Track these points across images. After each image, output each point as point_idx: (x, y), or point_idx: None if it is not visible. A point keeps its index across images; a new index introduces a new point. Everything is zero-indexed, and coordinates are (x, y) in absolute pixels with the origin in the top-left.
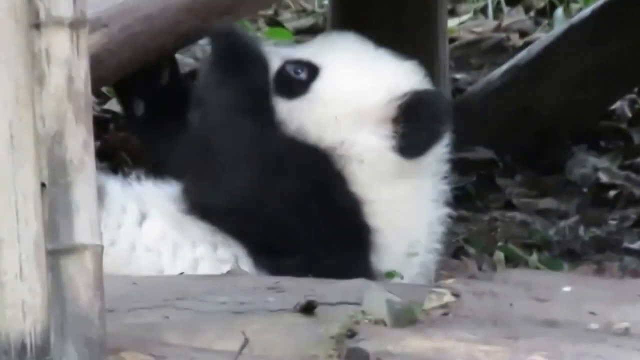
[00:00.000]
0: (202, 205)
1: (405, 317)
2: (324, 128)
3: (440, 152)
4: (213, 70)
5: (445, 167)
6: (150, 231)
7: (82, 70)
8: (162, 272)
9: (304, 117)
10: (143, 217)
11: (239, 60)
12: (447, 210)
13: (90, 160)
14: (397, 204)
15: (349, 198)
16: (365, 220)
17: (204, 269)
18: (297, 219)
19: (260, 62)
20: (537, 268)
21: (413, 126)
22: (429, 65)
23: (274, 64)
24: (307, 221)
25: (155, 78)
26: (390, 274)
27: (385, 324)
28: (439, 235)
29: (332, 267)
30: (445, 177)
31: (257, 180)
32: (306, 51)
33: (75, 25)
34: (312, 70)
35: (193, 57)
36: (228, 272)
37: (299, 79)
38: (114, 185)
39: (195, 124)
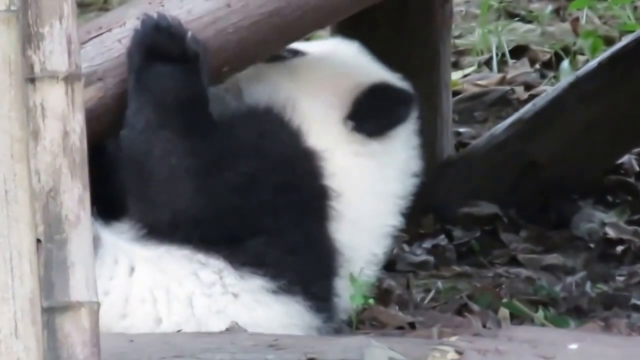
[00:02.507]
0: (160, 228)
1: None
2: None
3: (405, 142)
4: (132, 94)
5: (412, 158)
6: (138, 282)
7: (77, 125)
8: (159, 321)
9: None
10: (132, 268)
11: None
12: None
13: (86, 215)
14: (355, 176)
15: (307, 162)
16: (324, 184)
17: (199, 302)
18: (254, 197)
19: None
20: (543, 325)
21: (372, 103)
22: (432, 118)
23: None
24: (264, 196)
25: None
26: (353, 280)
27: None
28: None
29: (294, 241)
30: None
31: (205, 175)
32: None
33: (71, 79)
34: (297, 53)
35: None
36: (227, 330)
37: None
38: (108, 235)
39: (124, 151)
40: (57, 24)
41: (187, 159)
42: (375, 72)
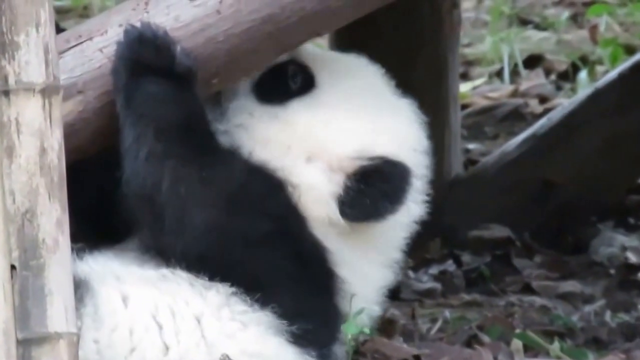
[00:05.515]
0: (170, 257)
1: None
2: (282, 147)
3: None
4: (126, 123)
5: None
6: (139, 309)
7: (55, 141)
8: (168, 347)
9: (267, 129)
10: (125, 297)
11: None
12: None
13: (64, 240)
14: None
15: (308, 235)
16: (329, 264)
17: (209, 323)
18: (262, 259)
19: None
20: (559, 358)
21: (360, 189)
22: (439, 133)
23: None
24: (271, 259)
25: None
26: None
27: None
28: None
29: (298, 307)
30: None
31: (217, 229)
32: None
33: (48, 91)
34: (309, 81)
35: None
36: None
37: (291, 84)
38: (98, 267)
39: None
40: (34, 31)
41: (198, 188)
42: (385, 143)
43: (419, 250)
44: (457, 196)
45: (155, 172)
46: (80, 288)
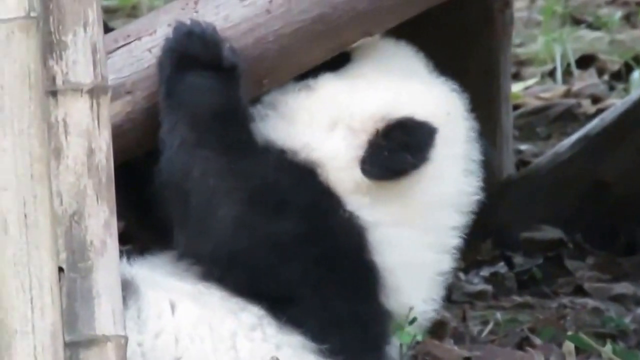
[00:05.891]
0: (202, 261)
1: None
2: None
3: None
4: (165, 111)
5: (463, 186)
6: (184, 319)
7: (103, 142)
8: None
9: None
10: (173, 304)
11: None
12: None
13: (112, 242)
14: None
15: (345, 219)
16: (369, 252)
17: (242, 344)
18: (295, 261)
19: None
20: None
21: (380, 145)
22: (491, 134)
23: None
24: (304, 260)
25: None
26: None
27: None
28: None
29: (340, 312)
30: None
31: (246, 226)
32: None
33: (96, 92)
34: (344, 59)
35: None
36: None
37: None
38: (143, 271)
39: (163, 174)
40: (82, 31)
41: (227, 180)
42: (413, 105)
43: (470, 251)
44: (509, 197)
45: (186, 161)
46: (124, 290)
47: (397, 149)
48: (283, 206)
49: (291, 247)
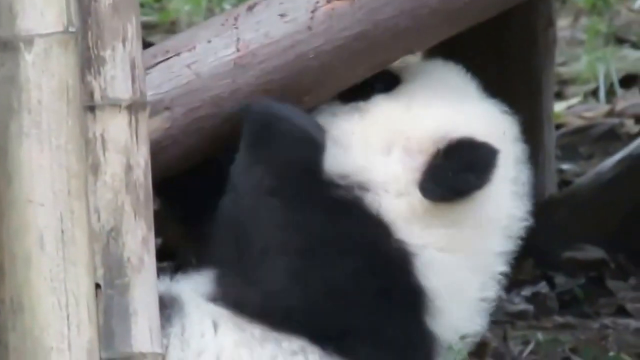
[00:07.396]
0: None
1: None
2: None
3: (507, 206)
4: (246, 152)
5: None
6: (226, 340)
7: (141, 158)
8: None
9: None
10: (216, 323)
11: (275, 138)
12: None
13: (150, 259)
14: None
15: (395, 248)
16: (416, 276)
17: None
18: (348, 300)
19: (303, 138)
20: None
21: (443, 165)
22: (533, 153)
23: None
24: (357, 297)
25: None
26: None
27: None
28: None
29: (389, 336)
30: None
31: (300, 278)
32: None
33: (134, 107)
34: (393, 82)
35: None
36: None
37: (375, 86)
38: (185, 287)
39: (224, 211)
40: (120, 46)
41: (291, 236)
42: (470, 126)
43: (511, 271)
44: (551, 217)
45: (252, 206)
46: (169, 307)
47: (462, 169)
48: (336, 251)
49: (344, 288)
